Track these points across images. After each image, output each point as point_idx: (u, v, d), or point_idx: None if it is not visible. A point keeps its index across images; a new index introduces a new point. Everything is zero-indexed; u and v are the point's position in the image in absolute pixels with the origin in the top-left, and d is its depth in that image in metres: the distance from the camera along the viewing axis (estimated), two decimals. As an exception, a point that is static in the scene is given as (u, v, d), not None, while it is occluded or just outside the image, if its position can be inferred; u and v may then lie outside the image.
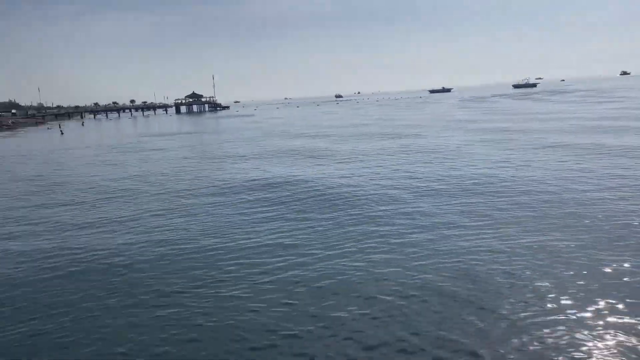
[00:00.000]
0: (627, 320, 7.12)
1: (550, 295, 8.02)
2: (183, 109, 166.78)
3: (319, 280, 9.25)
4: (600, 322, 7.10)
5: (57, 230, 14.08)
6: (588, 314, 7.36)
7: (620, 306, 7.56)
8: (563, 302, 7.79)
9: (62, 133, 72.78)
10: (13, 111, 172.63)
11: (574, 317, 7.30)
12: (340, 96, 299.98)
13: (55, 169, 28.65)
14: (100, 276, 10.11)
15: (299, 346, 6.88)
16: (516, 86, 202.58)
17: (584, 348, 6.47)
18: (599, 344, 6.55)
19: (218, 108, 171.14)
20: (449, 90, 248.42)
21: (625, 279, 8.52)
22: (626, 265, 9.15)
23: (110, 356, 6.90)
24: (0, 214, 16.76)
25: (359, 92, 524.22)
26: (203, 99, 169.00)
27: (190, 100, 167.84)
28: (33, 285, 9.83)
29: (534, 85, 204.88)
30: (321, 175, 20.91)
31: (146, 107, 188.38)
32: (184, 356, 6.81)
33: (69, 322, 8.00)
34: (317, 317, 7.74)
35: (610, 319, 7.18)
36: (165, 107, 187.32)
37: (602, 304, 7.66)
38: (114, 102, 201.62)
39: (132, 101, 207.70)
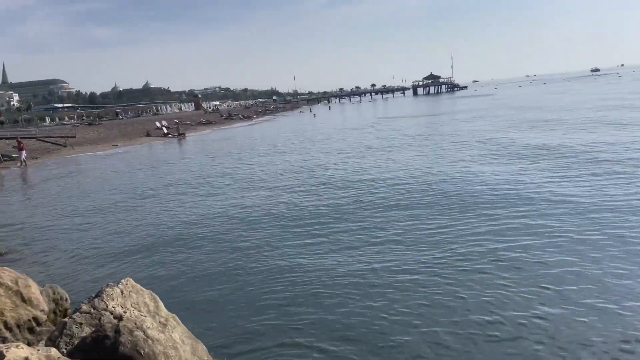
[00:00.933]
0: None
1: None
2: (420, 90, 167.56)
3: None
4: None
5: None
6: None
7: None
8: None
9: (314, 115, 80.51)
10: (274, 98, 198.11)
11: None
12: (597, 70, 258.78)
13: (325, 140, 30.78)
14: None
15: None
16: None
17: None
18: None
19: (456, 88, 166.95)
20: None
21: None
22: None
23: None
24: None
25: (622, 65, 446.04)
26: (440, 80, 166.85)
27: (428, 81, 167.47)
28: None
29: None
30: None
31: (385, 90, 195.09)
32: None
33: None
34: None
35: None
36: (403, 89, 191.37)
37: None
38: (357, 87, 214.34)
39: (373, 85, 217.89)
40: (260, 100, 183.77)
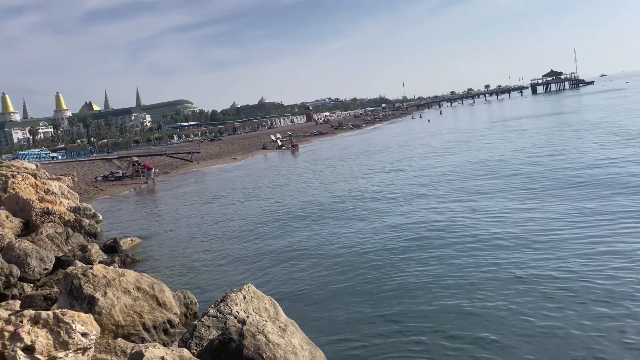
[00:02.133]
0: None
1: None
2: (540, 89, 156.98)
3: None
4: None
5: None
6: None
7: None
8: None
9: (428, 121, 78.78)
10: (383, 105, 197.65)
11: None
12: None
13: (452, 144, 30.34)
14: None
15: None
16: None
17: None
18: None
19: (580, 84, 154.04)
20: None
21: None
22: None
23: None
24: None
25: None
26: (562, 76, 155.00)
27: (548, 79, 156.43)
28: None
29: None
30: None
31: (500, 91, 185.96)
32: None
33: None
34: None
35: None
36: (520, 88, 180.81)
37: None
38: (469, 89, 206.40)
39: (487, 86, 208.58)
40: (369, 108, 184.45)
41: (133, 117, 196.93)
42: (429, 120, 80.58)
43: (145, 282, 7.16)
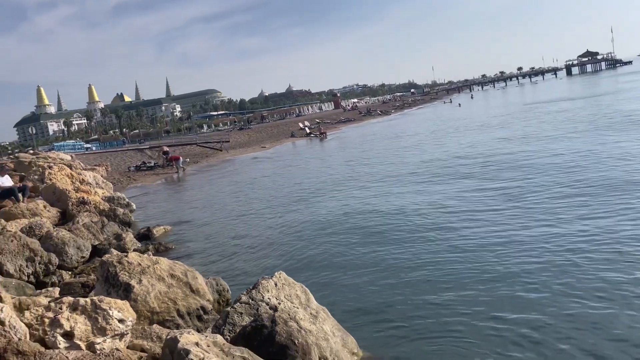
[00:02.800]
0: None
1: None
2: (575, 70, 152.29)
3: None
4: None
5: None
6: None
7: None
8: None
9: (459, 105, 76.98)
10: (412, 90, 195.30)
11: None
12: None
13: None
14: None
15: None
16: None
17: None
18: None
19: (618, 65, 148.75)
20: None
21: None
22: None
23: None
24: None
25: None
26: (599, 57, 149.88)
27: (584, 60, 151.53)
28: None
29: None
30: None
31: (533, 73, 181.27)
32: None
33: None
34: None
35: None
36: (554, 70, 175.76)
37: None
38: (501, 72, 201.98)
39: (520, 69, 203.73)
40: (398, 94, 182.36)
41: (163, 108, 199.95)
42: (459, 104, 78.79)
43: (178, 269, 7.27)
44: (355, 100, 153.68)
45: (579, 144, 20.62)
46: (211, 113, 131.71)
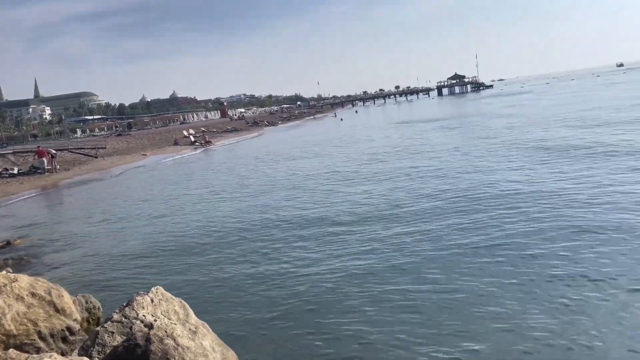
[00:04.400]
0: None
1: None
2: (445, 91, 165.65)
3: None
4: None
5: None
6: None
7: None
8: None
9: (341, 119, 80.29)
10: (298, 103, 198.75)
11: None
12: (621, 65, 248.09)
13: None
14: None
15: None
16: None
17: None
18: None
19: (481, 88, 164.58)
20: None
21: None
22: None
23: None
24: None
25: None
26: (465, 80, 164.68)
27: (453, 81, 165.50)
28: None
29: None
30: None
31: (409, 92, 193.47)
32: None
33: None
34: None
35: None
36: (427, 90, 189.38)
37: None
38: (380, 89, 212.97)
39: (397, 87, 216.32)
40: (285, 106, 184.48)
41: (30, 110, 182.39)
42: (342, 119, 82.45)
43: (41, 287, 6.64)
44: (243, 110, 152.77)
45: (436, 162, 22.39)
46: (86, 117, 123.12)
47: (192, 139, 57.34)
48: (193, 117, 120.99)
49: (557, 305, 7.10)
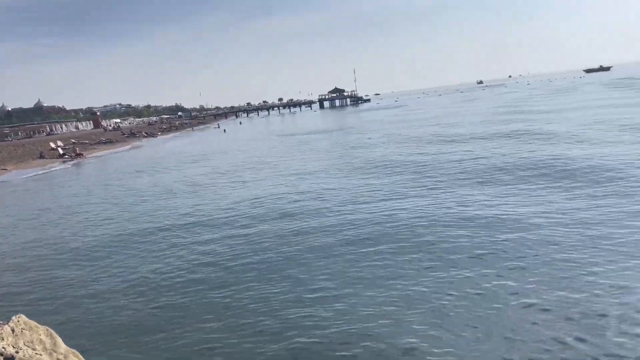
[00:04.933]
0: None
1: None
2: (326, 104, 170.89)
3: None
4: None
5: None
6: None
7: None
8: None
9: (224, 131, 78.72)
10: (179, 114, 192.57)
11: None
12: (481, 82, 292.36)
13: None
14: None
15: None
16: None
17: None
18: None
19: (360, 101, 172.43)
20: (607, 69, 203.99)
21: None
22: None
23: None
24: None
25: (510, 76, 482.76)
26: (345, 93, 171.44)
27: (333, 95, 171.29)
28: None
29: None
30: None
31: (292, 104, 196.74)
32: None
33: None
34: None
35: None
36: (310, 103, 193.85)
37: None
38: (264, 101, 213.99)
39: (280, 99, 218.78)
40: (165, 116, 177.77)
41: None
42: (225, 130, 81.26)
43: None
44: (118, 120, 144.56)
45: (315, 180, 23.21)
46: None
47: (61, 152, 53.07)
48: (62, 127, 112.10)
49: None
